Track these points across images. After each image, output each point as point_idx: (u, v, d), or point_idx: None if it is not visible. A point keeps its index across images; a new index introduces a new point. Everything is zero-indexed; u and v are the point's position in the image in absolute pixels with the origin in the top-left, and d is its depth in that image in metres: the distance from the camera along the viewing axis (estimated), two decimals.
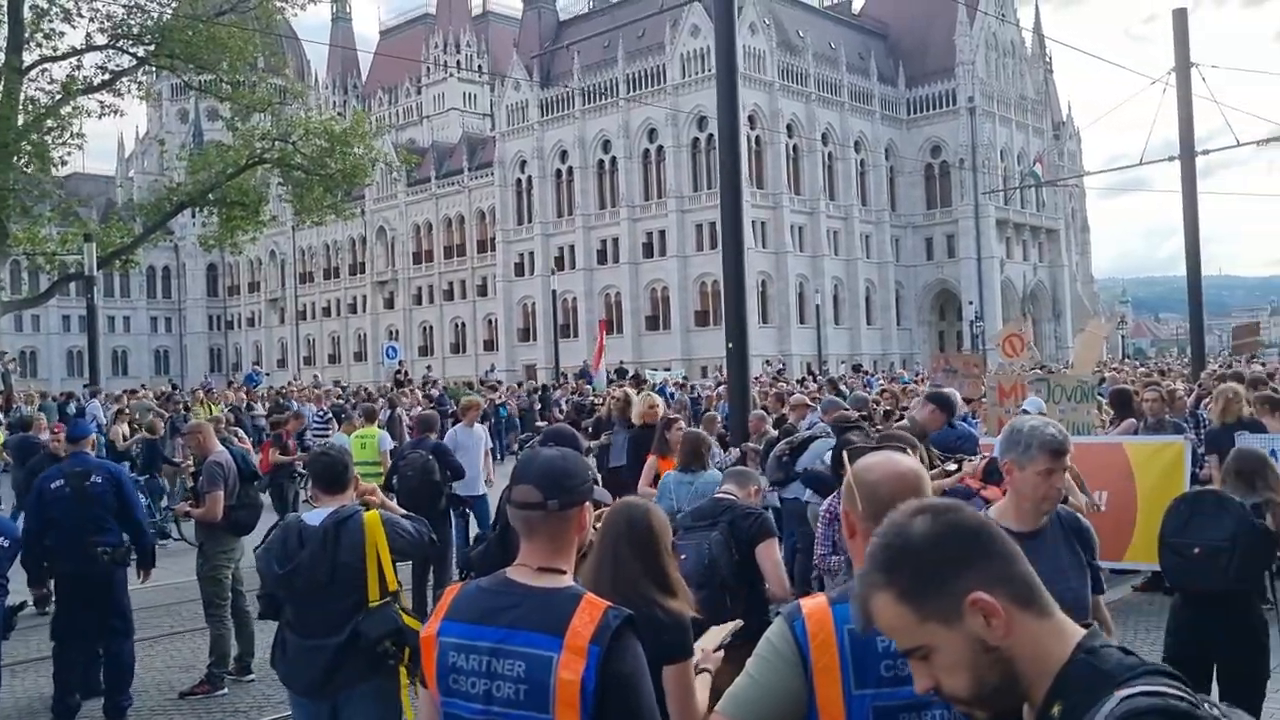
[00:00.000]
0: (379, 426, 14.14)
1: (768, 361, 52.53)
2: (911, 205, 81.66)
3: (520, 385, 32.44)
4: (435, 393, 29.41)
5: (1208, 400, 10.55)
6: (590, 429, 16.98)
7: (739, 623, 3.40)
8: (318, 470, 4.84)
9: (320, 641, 4.37)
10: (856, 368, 46.16)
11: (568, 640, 2.38)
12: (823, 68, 75.99)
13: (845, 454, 3.30)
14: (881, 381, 30.43)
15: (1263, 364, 22.47)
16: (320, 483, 4.77)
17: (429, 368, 60.06)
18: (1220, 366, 21.73)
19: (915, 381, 22.13)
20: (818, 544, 5.50)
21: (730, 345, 12.86)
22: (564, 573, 2.55)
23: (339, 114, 58.67)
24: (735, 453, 10.56)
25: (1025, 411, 8.81)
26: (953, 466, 6.10)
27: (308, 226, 45.64)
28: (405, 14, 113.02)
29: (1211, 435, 9.30)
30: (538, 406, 31.17)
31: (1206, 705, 1.40)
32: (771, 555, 5.16)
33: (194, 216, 45.64)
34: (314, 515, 4.63)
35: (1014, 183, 73.26)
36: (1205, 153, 19.45)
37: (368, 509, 4.66)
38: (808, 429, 10.29)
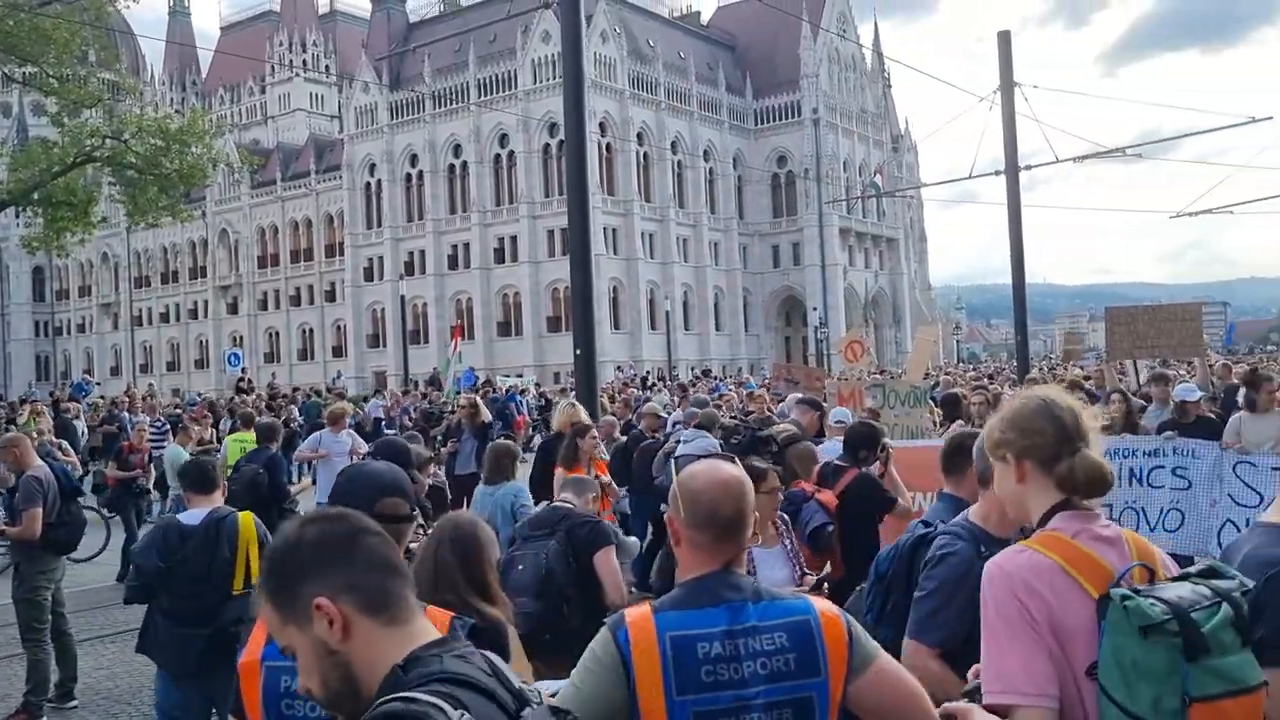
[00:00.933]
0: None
1: (619, 367, 52.91)
2: (759, 214, 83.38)
3: (407, 393, 31.68)
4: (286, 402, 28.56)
5: None
6: (439, 437, 16.84)
7: None
8: (192, 473, 5.44)
9: (194, 630, 4.90)
10: (706, 372, 46.83)
11: None
12: (673, 77, 76.96)
13: (672, 462, 3.37)
14: (730, 386, 30.96)
15: (1081, 367, 23.75)
16: (194, 485, 5.33)
17: (274, 375, 58.34)
18: (1040, 371, 22.85)
19: (763, 386, 22.58)
20: None
21: (578, 351, 12.92)
22: None
23: (177, 111, 56.47)
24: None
25: (840, 421, 9.00)
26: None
27: (143, 228, 43.83)
28: (248, 10, 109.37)
29: None
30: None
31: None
32: (609, 562, 5.18)
33: (17, 217, 43.29)
34: (190, 515, 5.19)
35: (856, 193, 75.57)
36: (1028, 168, 20.42)
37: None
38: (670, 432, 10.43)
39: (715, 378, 42.43)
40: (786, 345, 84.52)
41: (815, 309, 75.12)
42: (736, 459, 2.73)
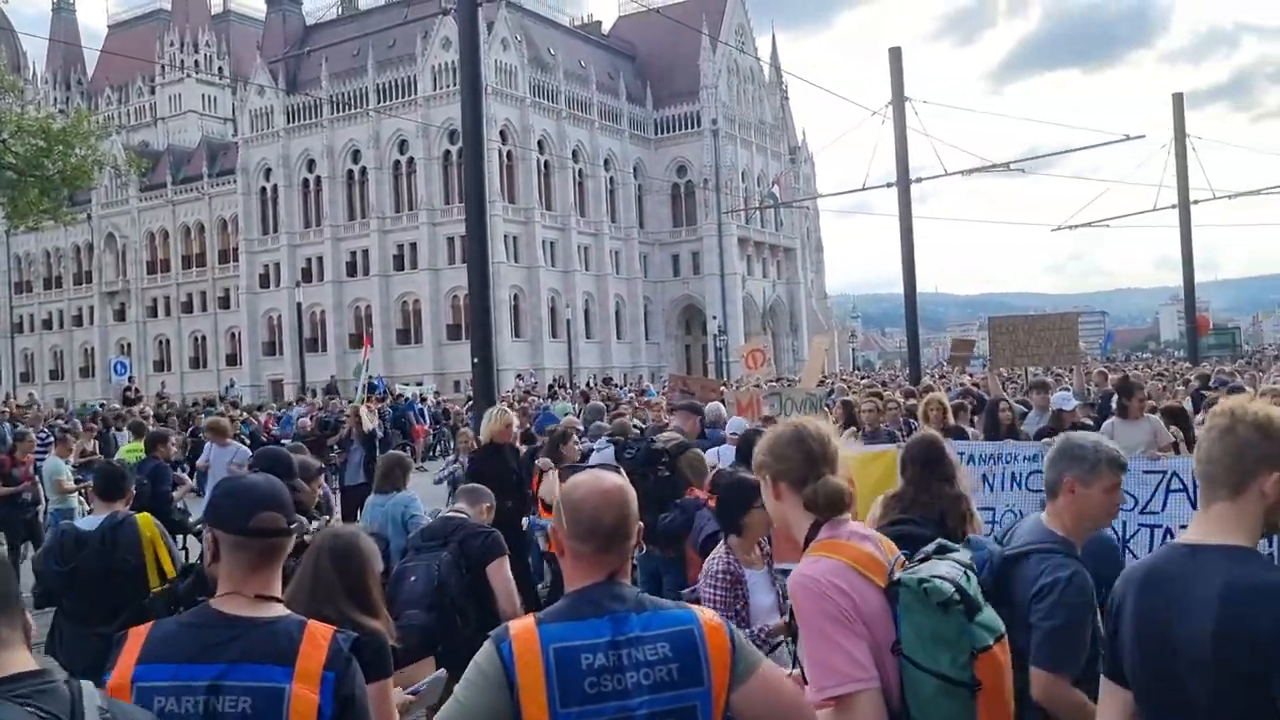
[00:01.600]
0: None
1: (519, 375, 52.69)
2: (659, 223, 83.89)
3: (318, 404, 30.85)
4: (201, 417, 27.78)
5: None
6: (335, 446, 16.59)
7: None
8: (100, 478, 5.71)
9: (96, 629, 4.89)
10: (606, 380, 46.95)
11: (299, 668, 2.34)
12: (574, 86, 77.02)
13: (556, 474, 3.41)
14: (631, 394, 31.06)
15: (970, 374, 24.38)
16: (99, 490, 5.59)
17: (163, 384, 56.70)
18: (931, 377, 23.44)
19: (662, 394, 22.73)
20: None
21: (476, 359, 12.88)
22: (279, 600, 2.52)
23: (60, 111, 54.63)
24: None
25: (735, 433, 9.16)
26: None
27: (22, 231, 42.21)
28: (137, 8, 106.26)
29: None
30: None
31: None
32: (502, 573, 5.16)
33: None
34: (88, 521, 5.41)
35: (754, 203, 76.50)
36: (919, 180, 21.00)
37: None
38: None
39: (616, 385, 42.55)
40: (687, 353, 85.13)
41: (715, 317, 75.84)
42: (622, 469, 2.77)
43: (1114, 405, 10.67)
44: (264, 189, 79.27)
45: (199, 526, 9.78)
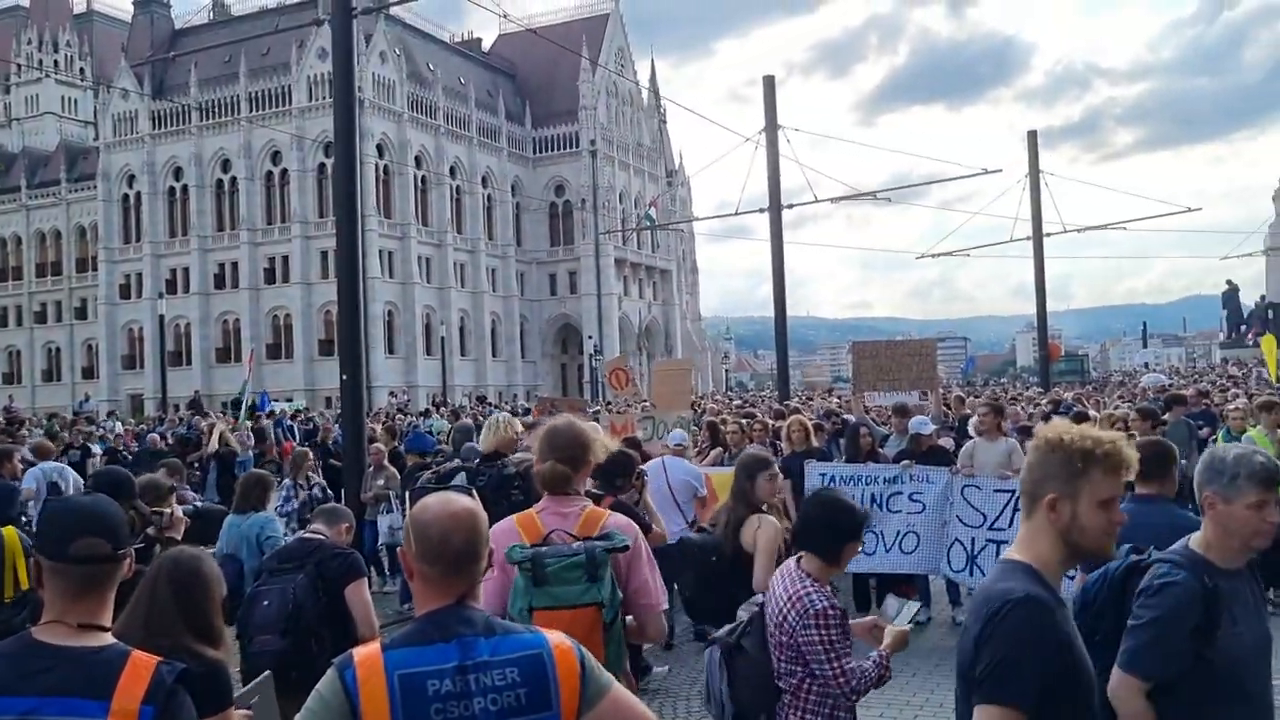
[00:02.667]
0: None
1: (392, 393, 51.89)
2: (537, 242, 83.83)
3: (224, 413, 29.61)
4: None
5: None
6: (196, 464, 16.09)
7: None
8: None
9: None
10: (481, 399, 46.57)
11: (115, 703, 2.26)
12: (452, 102, 76.51)
13: (409, 494, 3.40)
14: (507, 409, 30.85)
15: (839, 397, 25.00)
16: None
17: (10, 397, 54.00)
18: (799, 399, 23.95)
19: (532, 413, 22.67)
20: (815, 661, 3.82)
21: (345, 376, 12.63)
22: (106, 629, 2.42)
23: None
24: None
25: (680, 445, 9.47)
26: None
27: None
28: None
29: (785, 461, 10.31)
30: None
31: None
32: (361, 595, 5.07)
33: None
34: None
35: (631, 224, 77.16)
36: (790, 206, 21.44)
37: None
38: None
39: (490, 404, 42.23)
40: (563, 373, 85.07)
41: (590, 337, 76.02)
42: (474, 491, 2.76)
43: (971, 427, 11.13)
44: (126, 196, 76.58)
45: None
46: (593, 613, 3.36)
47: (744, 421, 12.12)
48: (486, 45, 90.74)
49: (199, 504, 9.45)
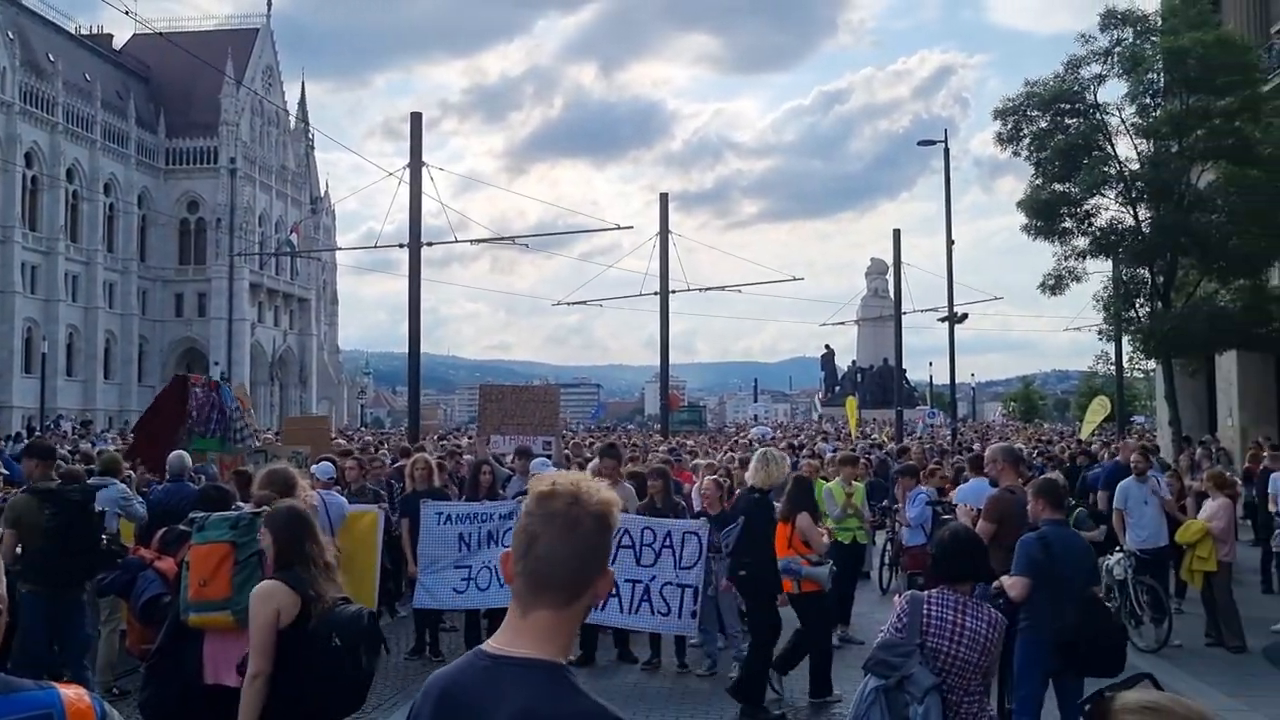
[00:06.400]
0: None
1: None
2: (164, 258, 78.71)
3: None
4: None
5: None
6: None
7: None
8: None
9: None
10: (85, 423, 42.88)
11: None
12: (74, 99, 70.49)
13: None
14: (113, 437, 28.73)
15: (470, 437, 25.34)
16: None
17: None
18: (435, 439, 24.09)
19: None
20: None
21: None
22: None
23: None
24: None
25: (330, 479, 9.32)
26: None
27: None
28: None
29: (403, 501, 10.50)
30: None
31: None
32: None
33: None
34: None
35: (270, 248, 74.22)
36: (429, 244, 21.62)
37: None
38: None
39: (103, 431, 39.05)
40: None
41: (218, 363, 71.76)
42: None
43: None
44: None
45: None
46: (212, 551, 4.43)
47: (360, 460, 12.13)
48: (119, 43, 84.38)
49: None
